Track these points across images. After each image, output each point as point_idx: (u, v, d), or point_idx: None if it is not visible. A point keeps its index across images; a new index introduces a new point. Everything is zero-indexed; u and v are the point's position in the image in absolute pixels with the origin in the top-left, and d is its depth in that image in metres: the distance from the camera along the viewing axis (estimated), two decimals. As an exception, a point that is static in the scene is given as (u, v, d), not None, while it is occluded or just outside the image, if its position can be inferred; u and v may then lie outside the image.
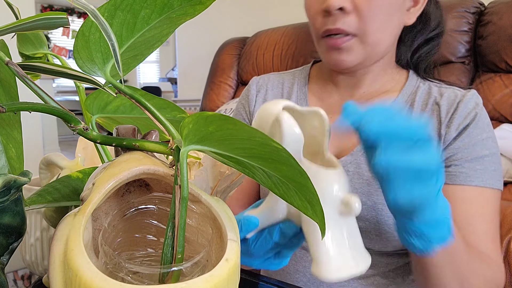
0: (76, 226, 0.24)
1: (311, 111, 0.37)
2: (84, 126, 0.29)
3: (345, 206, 0.34)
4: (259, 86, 0.79)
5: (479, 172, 0.59)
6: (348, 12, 0.60)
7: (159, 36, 0.35)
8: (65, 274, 0.23)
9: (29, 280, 0.53)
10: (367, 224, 0.62)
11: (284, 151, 0.25)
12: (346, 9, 0.59)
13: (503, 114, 1.24)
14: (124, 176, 0.27)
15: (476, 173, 0.59)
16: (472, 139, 0.60)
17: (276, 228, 0.38)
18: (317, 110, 0.36)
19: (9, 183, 0.25)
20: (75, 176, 0.38)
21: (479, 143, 0.60)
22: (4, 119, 0.30)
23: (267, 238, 0.39)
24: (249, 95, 0.79)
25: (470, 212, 0.58)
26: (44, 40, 0.46)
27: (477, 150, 0.60)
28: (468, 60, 1.34)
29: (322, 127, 0.37)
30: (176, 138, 0.27)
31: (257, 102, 0.78)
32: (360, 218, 0.61)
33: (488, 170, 0.59)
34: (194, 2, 0.34)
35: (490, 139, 0.61)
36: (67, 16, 0.29)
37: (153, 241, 0.32)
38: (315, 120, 0.37)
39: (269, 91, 0.78)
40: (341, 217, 0.35)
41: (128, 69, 0.35)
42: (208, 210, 0.29)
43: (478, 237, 0.57)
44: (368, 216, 0.61)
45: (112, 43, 0.28)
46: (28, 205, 0.34)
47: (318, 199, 0.26)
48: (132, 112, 0.41)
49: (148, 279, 0.28)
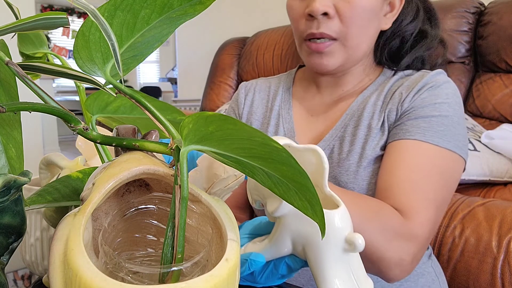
0: (76, 226, 0.24)
1: (307, 148, 0.37)
2: (84, 126, 0.29)
3: (349, 244, 0.35)
4: (247, 90, 0.84)
5: (422, 129, 0.60)
6: (331, 17, 0.63)
7: (159, 36, 0.35)
8: (65, 274, 0.23)
9: (29, 280, 0.53)
10: None
11: (284, 151, 0.25)
12: (330, 14, 0.62)
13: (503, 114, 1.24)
14: (124, 176, 0.27)
15: (419, 130, 0.60)
16: (423, 102, 0.62)
17: (282, 262, 0.39)
18: (313, 148, 0.37)
19: (9, 183, 0.25)
20: (75, 176, 0.38)
21: (430, 106, 0.62)
22: (4, 119, 0.30)
23: (273, 271, 0.40)
24: (238, 99, 0.84)
25: (400, 160, 0.59)
26: (45, 40, 0.46)
27: (426, 111, 0.61)
28: (468, 60, 1.34)
29: (319, 163, 0.37)
30: (176, 138, 0.27)
31: (245, 104, 0.83)
32: None
33: (434, 129, 0.60)
34: (194, 2, 0.34)
35: (446, 104, 0.62)
36: (67, 16, 0.29)
37: (153, 241, 0.32)
38: (312, 157, 0.37)
39: (256, 94, 0.83)
40: (345, 255, 0.35)
41: (128, 69, 0.35)
42: (208, 210, 0.29)
43: (398, 183, 0.57)
44: None
45: (112, 43, 0.28)
46: (28, 205, 0.34)
47: (318, 199, 0.26)
48: (133, 113, 0.41)
49: (148, 279, 0.28)
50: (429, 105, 0.62)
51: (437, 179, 0.58)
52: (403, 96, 0.65)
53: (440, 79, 0.65)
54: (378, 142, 0.66)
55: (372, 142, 0.66)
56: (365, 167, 0.65)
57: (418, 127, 0.60)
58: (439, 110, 0.61)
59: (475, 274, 0.89)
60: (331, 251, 0.35)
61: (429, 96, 0.62)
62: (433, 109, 0.61)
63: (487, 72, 1.33)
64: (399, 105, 0.65)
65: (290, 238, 0.37)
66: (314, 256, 0.36)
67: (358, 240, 0.34)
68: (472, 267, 0.90)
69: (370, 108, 0.68)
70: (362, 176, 0.65)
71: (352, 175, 0.66)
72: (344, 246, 0.35)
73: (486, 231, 0.90)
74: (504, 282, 0.86)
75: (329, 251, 0.35)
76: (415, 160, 0.59)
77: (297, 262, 0.38)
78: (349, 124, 0.69)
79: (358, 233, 0.35)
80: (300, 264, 0.38)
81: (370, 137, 0.66)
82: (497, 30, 1.27)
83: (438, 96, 0.62)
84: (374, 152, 0.65)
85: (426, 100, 0.62)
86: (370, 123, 0.67)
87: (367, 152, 0.65)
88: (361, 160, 0.66)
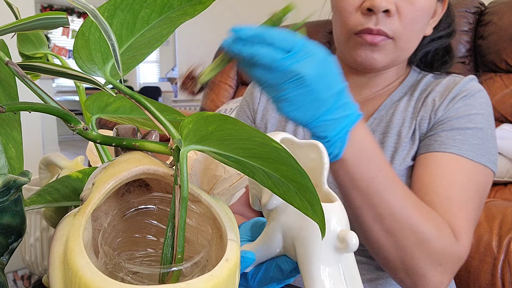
0: (76, 226, 0.24)
1: (309, 143, 0.37)
2: (84, 126, 0.29)
3: (341, 241, 0.33)
4: None
5: (458, 141, 0.58)
6: (391, 14, 0.59)
7: (159, 36, 0.35)
8: (65, 274, 0.23)
9: (29, 280, 0.53)
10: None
11: (284, 151, 0.25)
12: (391, 11, 0.59)
13: (503, 114, 1.24)
14: (124, 176, 0.27)
15: (454, 142, 0.58)
16: (458, 113, 0.60)
17: (273, 264, 0.38)
18: (315, 143, 0.36)
19: (9, 183, 0.25)
20: (75, 176, 0.38)
21: (465, 117, 0.60)
22: (4, 119, 0.30)
23: (265, 274, 0.38)
24: (254, 92, 0.79)
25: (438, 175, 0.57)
26: (44, 40, 0.46)
27: (461, 122, 0.60)
28: (468, 60, 1.34)
29: (320, 159, 0.36)
30: (176, 138, 0.27)
31: (261, 100, 0.77)
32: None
33: (469, 142, 0.58)
34: (194, 2, 0.34)
35: (481, 116, 0.60)
36: (67, 16, 0.29)
37: (153, 241, 0.32)
38: (313, 153, 0.37)
39: None
40: (337, 253, 0.34)
41: (128, 69, 0.35)
42: (208, 210, 0.29)
43: (440, 201, 0.55)
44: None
45: (112, 43, 0.28)
46: (28, 205, 0.34)
47: (318, 199, 0.26)
48: (132, 113, 0.41)
49: (148, 279, 0.28)
50: (464, 116, 0.59)
51: (475, 197, 0.57)
52: (437, 104, 0.62)
53: (474, 87, 0.63)
54: (408, 152, 0.63)
55: (403, 152, 0.63)
56: None
57: (453, 139, 0.58)
58: (474, 122, 0.59)
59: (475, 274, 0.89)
60: (322, 247, 0.33)
61: (464, 106, 0.60)
62: (468, 120, 0.59)
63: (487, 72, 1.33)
64: (432, 113, 0.62)
65: (281, 233, 0.36)
66: (303, 252, 0.34)
67: (351, 239, 0.32)
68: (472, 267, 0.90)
69: (400, 114, 0.65)
70: None
71: None
72: (336, 244, 0.33)
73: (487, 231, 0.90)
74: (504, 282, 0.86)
75: (319, 247, 0.33)
76: (454, 176, 0.56)
77: (288, 263, 0.37)
78: (377, 130, 0.66)
79: (352, 231, 0.33)
80: (291, 266, 0.37)
81: (400, 146, 0.63)
82: (497, 30, 1.27)
83: (472, 106, 0.60)
84: (404, 162, 0.62)
85: (461, 110, 0.60)
86: (400, 130, 0.64)
87: (397, 162, 0.62)
88: None
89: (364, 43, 0.61)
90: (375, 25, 0.60)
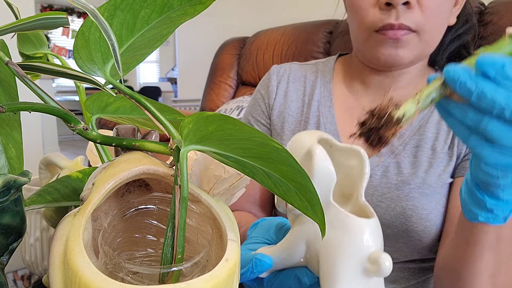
0: (76, 226, 0.24)
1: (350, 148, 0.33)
2: (84, 126, 0.29)
3: (373, 263, 0.29)
4: (280, 77, 0.73)
5: None
6: (412, 6, 0.56)
7: (159, 36, 0.35)
8: (65, 274, 0.23)
9: (29, 280, 0.53)
10: (396, 232, 0.59)
11: (284, 151, 0.25)
12: (411, 3, 0.55)
13: (503, 114, 1.24)
14: (124, 176, 0.27)
15: None
16: None
17: (292, 274, 0.35)
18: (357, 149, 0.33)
19: (9, 183, 0.25)
20: (75, 176, 0.38)
21: None
22: (4, 119, 0.30)
23: (282, 283, 0.36)
24: (270, 86, 0.73)
25: None
26: (44, 40, 0.46)
27: None
28: (468, 60, 1.34)
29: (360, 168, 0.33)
30: (176, 138, 0.27)
31: (277, 94, 0.72)
32: (388, 225, 0.59)
33: None
34: (194, 2, 0.34)
35: None
36: (67, 16, 0.29)
37: (153, 241, 0.32)
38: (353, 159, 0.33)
39: (290, 83, 0.72)
40: (365, 276, 0.30)
41: (128, 69, 0.35)
42: (208, 210, 0.29)
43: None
44: (396, 223, 0.59)
45: (112, 43, 0.28)
46: (28, 205, 0.34)
47: (318, 199, 0.26)
48: (132, 113, 0.41)
49: (148, 279, 0.28)
50: None
51: None
52: None
53: None
54: (445, 169, 0.59)
55: (438, 168, 0.59)
56: (427, 195, 0.58)
57: None
58: None
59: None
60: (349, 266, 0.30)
61: None
62: None
63: (487, 72, 1.32)
64: None
65: (304, 243, 0.33)
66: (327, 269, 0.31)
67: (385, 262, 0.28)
68: None
69: (433, 127, 0.61)
70: (423, 205, 0.58)
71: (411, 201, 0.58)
72: (366, 265, 0.29)
73: None
74: (504, 282, 0.86)
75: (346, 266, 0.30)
76: None
77: (308, 276, 0.34)
78: (409, 143, 0.62)
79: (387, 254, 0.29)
80: (312, 280, 0.34)
81: (436, 161, 0.59)
82: (498, 30, 1.27)
83: None
84: (440, 179, 0.58)
85: None
86: (435, 145, 0.60)
87: (431, 179, 0.58)
88: (424, 187, 0.58)
89: (386, 40, 0.57)
90: (396, 20, 0.56)
